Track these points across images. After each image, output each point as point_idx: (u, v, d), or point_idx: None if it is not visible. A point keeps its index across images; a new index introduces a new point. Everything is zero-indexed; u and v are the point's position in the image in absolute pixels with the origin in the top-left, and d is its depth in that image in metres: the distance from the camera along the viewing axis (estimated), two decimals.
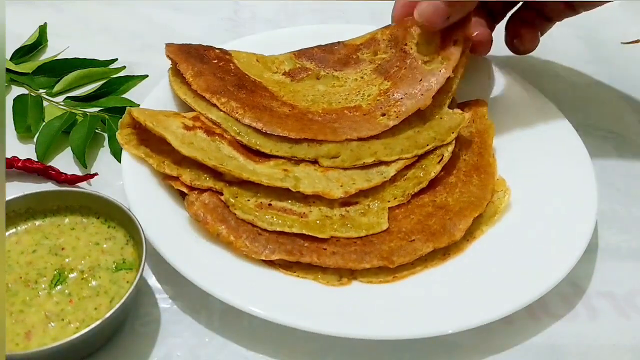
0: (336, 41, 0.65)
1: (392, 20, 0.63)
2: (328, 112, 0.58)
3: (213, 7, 0.85)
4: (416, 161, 0.56)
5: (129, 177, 0.53)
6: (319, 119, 0.57)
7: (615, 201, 0.60)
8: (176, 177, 0.53)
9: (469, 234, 0.52)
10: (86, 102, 0.68)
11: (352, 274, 0.50)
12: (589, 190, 0.54)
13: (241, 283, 0.47)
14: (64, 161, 0.62)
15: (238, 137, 0.55)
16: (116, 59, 0.73)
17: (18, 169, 0.59)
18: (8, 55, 0.72)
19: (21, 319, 0.44)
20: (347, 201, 0.53)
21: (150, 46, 0.77)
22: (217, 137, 0.55)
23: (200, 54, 0.61)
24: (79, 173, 0.60)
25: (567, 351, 0.48)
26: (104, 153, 0.63)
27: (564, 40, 0.81)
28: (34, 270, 0.47)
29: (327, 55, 0.64)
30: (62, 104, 0.68)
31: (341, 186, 0.53)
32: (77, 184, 0.59)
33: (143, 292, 0.50)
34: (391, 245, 0.50)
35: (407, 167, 0.56)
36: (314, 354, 0.47)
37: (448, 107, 0.58)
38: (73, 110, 0.66)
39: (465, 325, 0.45)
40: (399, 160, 0.55)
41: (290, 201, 0.52)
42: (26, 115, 0.65)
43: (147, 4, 0.84)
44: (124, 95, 0.69)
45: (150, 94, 0.61)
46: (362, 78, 0.61)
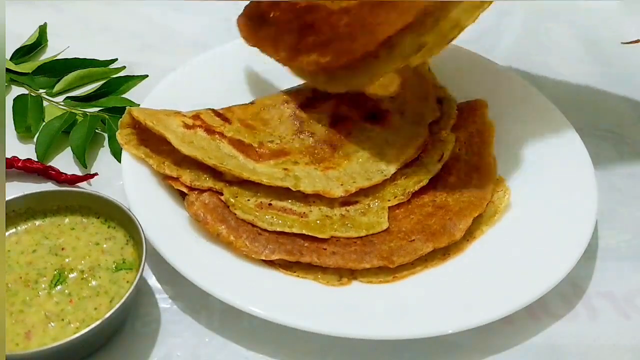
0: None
1: None
2: None
3: (213, 7, 0.85)
4: (416, 159, 0.56)
5: (129, 177, 0.53)
6: None
7: (615, 201, 0.60)
8: (176, 178, 0.53)
9: (469, 234, 0.52)
10: (86, 102, 0.68)
11: (352, 274, 0.50)
12: (589, 191, 0.54)
13: (241, 283, 0.47)
14: (64, 161, 0.62)
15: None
16: (116, 59, 0.73)
17: (18, 169, 0.59)
18: (8, 55, 0.72)
19: (21, 319, 0.44)
20: (347, 200, 0.53)
21: (150, 46, 0.77)
22: (217, 136, 0.55)
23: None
24: (79, 173, 0.60)
25: (567, 351, 0.48)
26: (104, 153, 0.63)
27: (564, 40, 0.81)
28: (34, 270, 0.47)
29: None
30: (62, 104, 0.68)
31: (341, 185, 0.53)
32: (77, 184, 0.59)
33: (143, 292, 0.50)
34: (391, 245, 0.50)
35: (407, 165, 0.56)
36: (314, 354, 0.47)
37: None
38: (73, 110, 0.66)
39: (465, 325, 0.45)
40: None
41: (290, 201, 0.52)
42: (26, 115, 0.65)
43: (147, 4, 0.84)
44: (124, 95, 0.69)
45: (150, 94, 0.61)
46: None
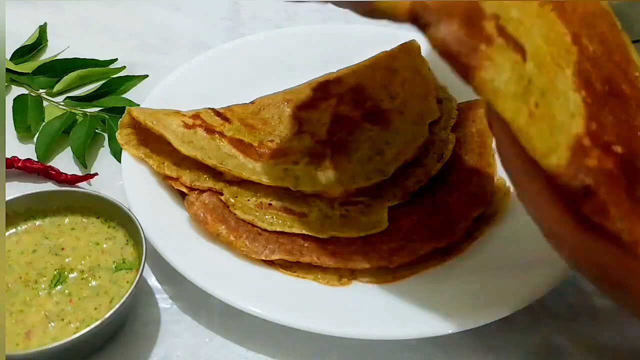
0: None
1: None
2: None
3: (213, 7, 0.85)
4: (416, 159, 0.56)
5: (129, 177, 0.53)
6: None
7: None
8: (176, 178, 0.53)
9: (469, 234, 0.52)
10: (86, 102, 0.68)
11: (352, 274, 0.50)
12: None
13: (241, 283, 0.47)
14: (64, 161, 0.62)
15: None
16: (116, 59, 0.73)
17: (18, 169, 0.59)
18: (8, 55, 0.72)
19: (21, 319, 0.44)
20: (347, 200, 0.53)
21: (150, 46, 0.77)
22: (217, 136, 0.55)
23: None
24: (79, 173, 0.60)
25: (567, 351, 0.48)
26: (104, 153, 0.63)
27: None
28: (34, 270, 0.47)
29: None
30: (62, 104, 0.68)
31: (341, 185, 0.53)
32: (77, 184, 0.59)
33: (143, 292, 0.50)
34: (391, 245, 0.50)
35: (407, 165, 0.56)
36: (314, 354, 0.47)
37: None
38: (73, 110, 0.66)
39: (465, 325, 0.45)
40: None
41: (290, 201, 0.52)
42: (26, 115, 0.65)
43: (147, 4, 0.84)
44: (124, 95, 0.69)
45: (150, 94, 0.61)
46: None
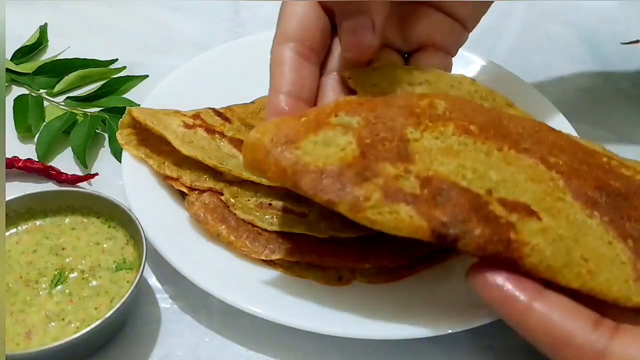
0: None
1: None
2: None
3: (213, 7, 0.85)
4: None
5: (129, 177, 0.53)
6: None
7: None
8: (176, 178, 0.53)
9: None
10: (87, 102, 0.68)
11: (352, 274, 0.50)
12: None
13: (241, 283, 0.47)
14: (65, 161, 0.62)
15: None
16: (116, 59, 0.73)
17: (19, 169, 0.59)
18: (8, 56, 0.72)
19: (22, 319, 0.44)
20: None
21: (150, 46, 0.78)
22: (217, 136, 0.55)
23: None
24: (80, 173, 0.60)
25: None
26: (105, 153, 0.63)
27: (564, 40, 0.81)
28: (35, 270, 0.47)
29: None
30: (63, 104, 0.68)
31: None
32: (78, 184, 0.59)
33: (143, 292, 0.50)
34: (391, 244, 0.50)
35: None
36: (314, 354, 0.47)
37: None
38: (73, 111, 0.66)
39: (465, 325, 0.45)
40: None
41: (290, 201, 0.52)
42: (27, 115, 0.65)
43: (147, 4, 0.85)
44: (124, 95, 0.69)
45: (150, 94, 0.61)
46: None
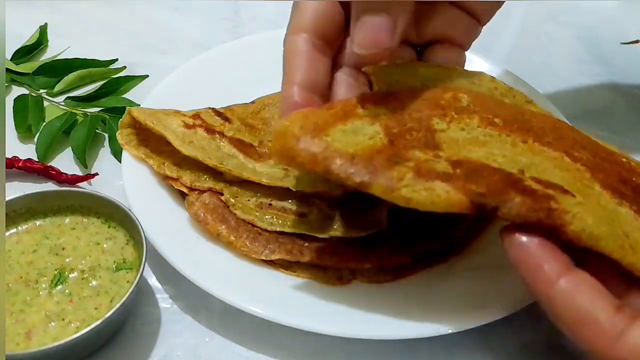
0: None
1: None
2: None
3: (213, 7, 0.85)
4: None
5: (129, 177, 0.53)
6: None
7: None
8: (176, 178, 0.53)
9: (469, 234, 0.52)
10: (87, 102, 0.68)
11: (352, 274, 0.50)
12: None
13: (241, 283, 0.47)
14: (65, 161, 0.62)
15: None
16: (116, 59, 0.73)
17: (19, 169, 0.59)
18: (8, 56, 0.72)
19: (22, 319, 0.44)
20: (347, 201, 0.53)
21: (150, 46, 0.77)
22: (217, 136, 0.55)
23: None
24: (80, 173, 0.60)
25: (567, 351, 0.48)
26: (105, 153, 0.63)
27: (564, 40, 0.81)
28: (35, 270, 0.47)
29: None
30: (63, 104, 0.68)
31: (341, 185, 0.53)
32: (78, 184, 0.59)
33: (143, 292, 0.50)
34: (391, 244, 0.50)
35: None
36: (314, 354, 0.47)
37: None
38: (73, 111, 0.66)
39: (465, 325, 0.45)
40: None
41: (290, 201, 0.52)
42: (27, 115, 0.65)
43: (147, 4, 0.84)
44: (124, 95, 0.69)
45: (150, 94, 0.61)
46: None
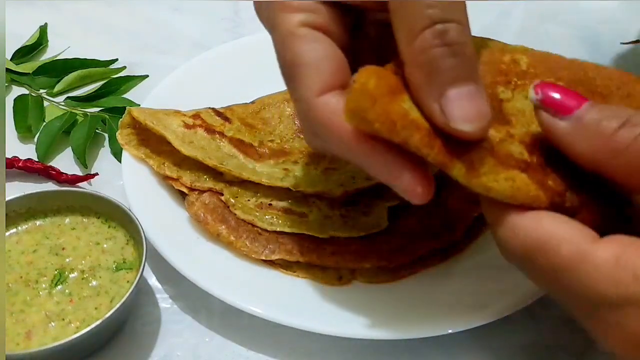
0: None
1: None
2: None
3: (213, 7, 0.85)
4: None
5: (129, 177, 0.53)
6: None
7: None
8: (176, 178, 0.53)
9: (469, 234, 0.52)
10: (87, 102, 0.68)
11: (352, 274, 0.50)
12: None
13: (241, 283, 0.47)
14: (65, 161, 0.62)
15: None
16: (116, 59, 0.73)
17: (19, 169, 0.59)
18: (8, 56, 0.72)
19: (22, 319, 0.44)
20: (347, 200, 0.53)
21: (150, 46, 0.77)
22: (217, 136, 0.55)
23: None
24: (80, 173, 0.60)
25: (567, 351, 0.48)
26: (105, 153, 0.63)
27: (564, 40, 0.81)
28: (35, 270, 0.47)
29: None
30: (63, 104, 0.68)
31: (341, 185, 0.53)
32: (78, 184, 0.59)
33: (143, 292, 0.50)
34: (391, 245, 0.50)
35: None
36: (314, 354, 0.47)
37: None
38: (73, 111, 0.66)
39: (465, 325, 0.45)
40: None
41: (290, 201, 0.52)
42: (27, 115, 0.65)
43: (147, 4, 0.84)
44: (124, 95, 0.69)
45: (150, 94, 0.61)
46: None
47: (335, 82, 0.36)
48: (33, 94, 0.68)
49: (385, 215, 0.52)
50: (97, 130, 0.64)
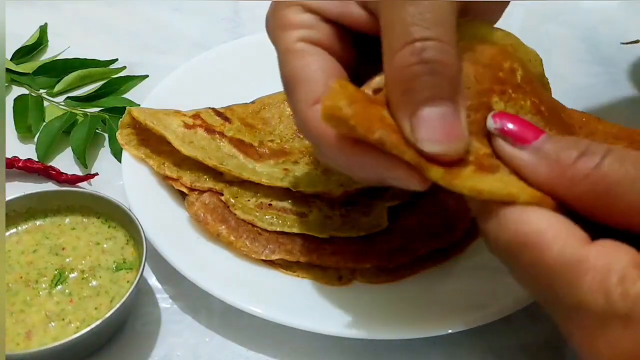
0: None
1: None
2: None
3: (213, 7, 0.85)
4: None
5: (129, 177, 0.53)
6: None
7: None
8: (176, 178, 0.53)
9: (469, 234, 0.52)
10: (87, 102, 0.68)
11: (352, 274, 0.50)
12: None
13: (241, 283, 0.47)
14: (65, 161, 0.62)
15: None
16: (116, 59, 0.73)
17: (19, 169, 0.59)
18: (8, 56, 0.72)
19: (22, 319, 0.44)
20: (347, 201, 0.53)
21: (150, 46, 0.77)
22: (217, 136, 0.55)
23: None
24: (80, 173, 0.60)
25: (567, 352, 0.48)
26: (105, 153, 0.63)
27: (564, 40, 0.81)
28: (35, 270, 0.47)
29: None
30: (63, 104, 0.68)
31: (341, 185, 0.53)
32: (78, 184, 0.59)
33: (143, 292, 0.50)
34: (391, 245, 0.50)
35: None
36: (314, 354, 0.47)
37: None
38: (73, 111, 0.66)
39: (465, 325, 0.45)
40: None
41: (290, 201, 0.52)
42: (27, 115, 0.65)
43: (147, 4, 0.84)
44: (124, 96, 0.69)
45: (150, 94, 0.61)
46: None
47: None
48: (33, 94, 0.68)
49: (385, 215, 0.52)
50: (97, 130, 0.64)
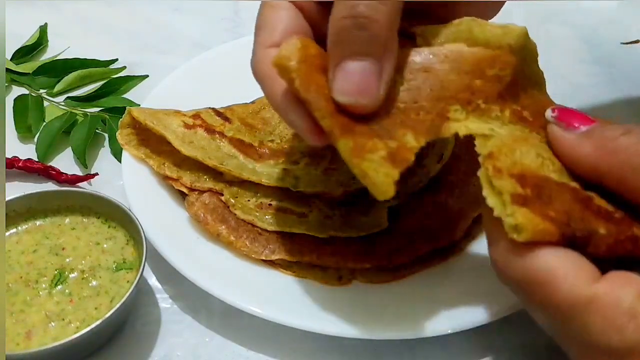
0: None
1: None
2: None
3: (213, 7, 0.85)
4: (415, 160, 0.56)
5: (130, 177, 0.53)
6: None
7: None
8: (176, 178, 0.53)
9: (469, 234, 0.52)
10: (86, 102, 0.68)
11: (352, 274, 0.50)
12: None
13: (241, 283, 0.47)
14: (65, 161, 0.62)
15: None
16: (116, 59, 0.73)
17: (19, 169, 0.59)
18: (8, 56, 0.72)
19: (22, 319, 0.44)
20: (347, 201, 0.53)
21: (150, 46, 0.77)
22: (217, 136, 0.55)
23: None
24: (80, 173, 0.60)
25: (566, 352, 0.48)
26: (105, 153, 0.63)
27: (564, 40, 0.81)
28: (35, 270, 0.47)
29: None
30: (63, 104, 0.68)
31: (341, 185, 0.53)
32: (78, 184, 0.59)
33: (143, 292, 0.50)
34: (391, 245, 0.50)
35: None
36: (314, 354, 0.47)
37: None
38: (73, 111, 0.66)
39: (465, 325, 0.45)
40: None
41: (290, 201, 0.52)
42: (27, 115, 0.65)
43: (147, 4, 0.84)
44: (124, 96, 0.69)
45: (150, 94, 0.61)
46: None
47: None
48: (33, 94, 0.68)
49: (385, 215, 0.52)
50: (97, 130, 0.64)
